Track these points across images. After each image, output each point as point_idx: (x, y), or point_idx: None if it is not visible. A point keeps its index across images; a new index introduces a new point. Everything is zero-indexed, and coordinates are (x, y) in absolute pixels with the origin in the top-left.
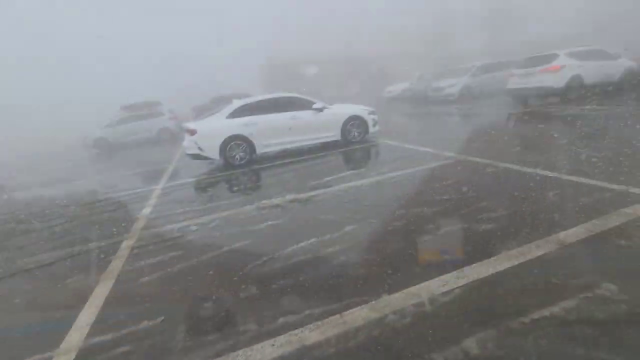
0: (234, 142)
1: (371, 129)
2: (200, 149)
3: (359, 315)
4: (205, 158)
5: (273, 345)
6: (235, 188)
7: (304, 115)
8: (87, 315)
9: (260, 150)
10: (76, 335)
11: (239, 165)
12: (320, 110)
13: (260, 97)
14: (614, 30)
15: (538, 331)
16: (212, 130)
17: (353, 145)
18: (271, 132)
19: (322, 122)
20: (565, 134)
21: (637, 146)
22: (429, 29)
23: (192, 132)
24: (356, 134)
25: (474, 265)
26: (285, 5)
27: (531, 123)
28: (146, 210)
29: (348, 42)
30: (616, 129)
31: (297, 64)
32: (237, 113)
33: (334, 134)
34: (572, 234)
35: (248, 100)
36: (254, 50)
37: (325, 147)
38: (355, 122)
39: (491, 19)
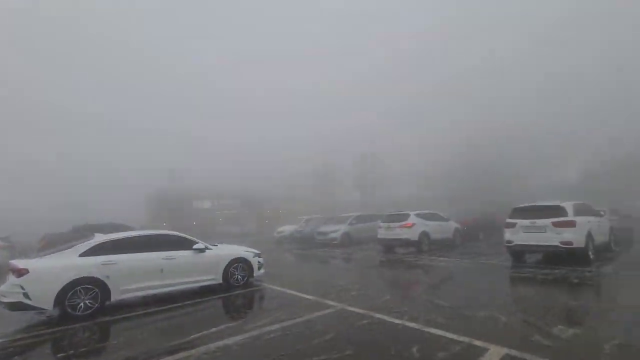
0: (81, 287)
1: (256, 273)
2: (26, 295)
3: None
4: (32, 308)
5: None
6: (62, 354)
7: (182, 255)
8: None
9: (117, 296)
10: None
11: (82, 316)
12: (202, 250)
13: (130, 233)
14: (451, 197)
15: None
16: (52, 271)
17: (235, 290)
18: (136, 275)
19: (202, 264)
20: (422, 283)
21: (475, 295)
22: (316, 180)
23: (20, 273)
24: (239, 277)
25: None
26: (183, 138)
27: (397, 270)
28: None
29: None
30: (460, 278)
31: (191, 197)
32: (95, 250)
33: (214, 278)
34: None
35: (113, 236)
36: (144, 180)
37: (204, 292)
38: (239, 265)
39: (362, 179)
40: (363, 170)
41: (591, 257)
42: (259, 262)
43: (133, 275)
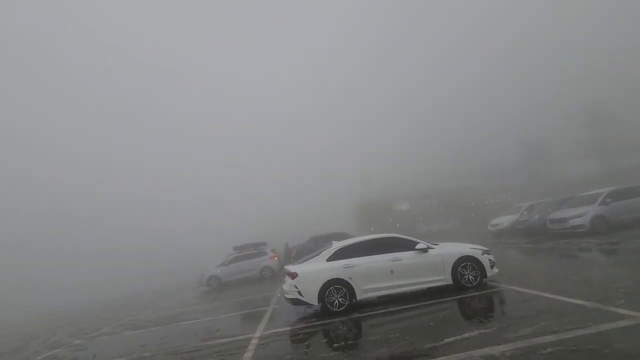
0: (333, 287)
1: (489, 272)
2: (300, 293)
3: None
4: (305, 303)
5: None
6: (336, 344)
7: (407, 256)
8: None
9: (360, 295)
10: None
11: (338, 312)
12: (425, 250)
13: (359, 238)
14: None
15: None
16: (312, 274)
17: (468, 291)
18: (371, 276)
19: (427, 264)
20: None
21: None
22: (526, 161)
23: (293, 275)
24: (471, 277)
25: None
26: (374, 143)
27: None
28: None
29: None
30: None
31: (389, 201)
32: (336, 255)
33: (443, 278)
34: None
35: (347, 242)
36: (346, 189)
37: (433, 294)
38: (468, 264)
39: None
40: (592, 129)
41: None
42: (490, 260)
43: (369, 276)
